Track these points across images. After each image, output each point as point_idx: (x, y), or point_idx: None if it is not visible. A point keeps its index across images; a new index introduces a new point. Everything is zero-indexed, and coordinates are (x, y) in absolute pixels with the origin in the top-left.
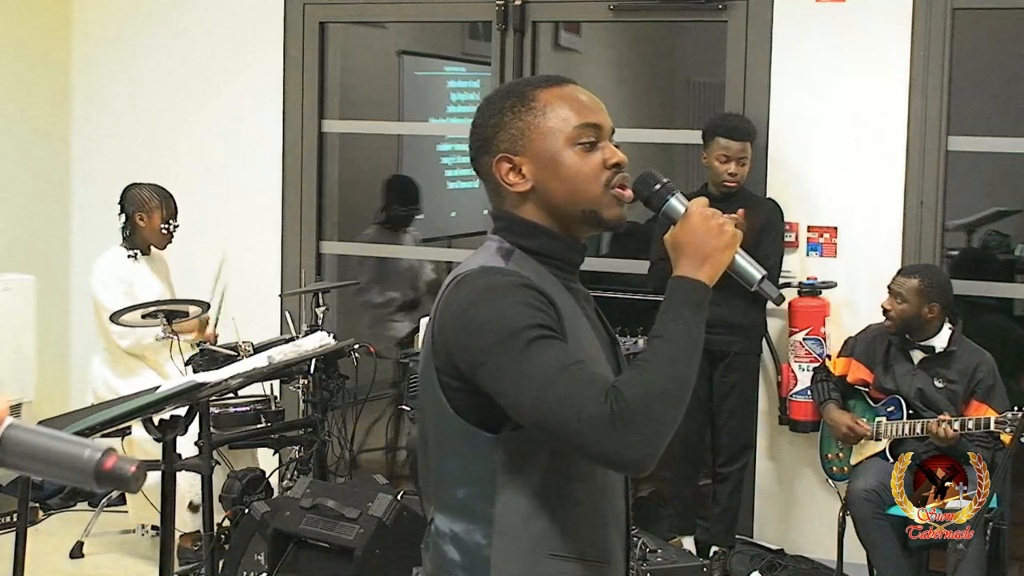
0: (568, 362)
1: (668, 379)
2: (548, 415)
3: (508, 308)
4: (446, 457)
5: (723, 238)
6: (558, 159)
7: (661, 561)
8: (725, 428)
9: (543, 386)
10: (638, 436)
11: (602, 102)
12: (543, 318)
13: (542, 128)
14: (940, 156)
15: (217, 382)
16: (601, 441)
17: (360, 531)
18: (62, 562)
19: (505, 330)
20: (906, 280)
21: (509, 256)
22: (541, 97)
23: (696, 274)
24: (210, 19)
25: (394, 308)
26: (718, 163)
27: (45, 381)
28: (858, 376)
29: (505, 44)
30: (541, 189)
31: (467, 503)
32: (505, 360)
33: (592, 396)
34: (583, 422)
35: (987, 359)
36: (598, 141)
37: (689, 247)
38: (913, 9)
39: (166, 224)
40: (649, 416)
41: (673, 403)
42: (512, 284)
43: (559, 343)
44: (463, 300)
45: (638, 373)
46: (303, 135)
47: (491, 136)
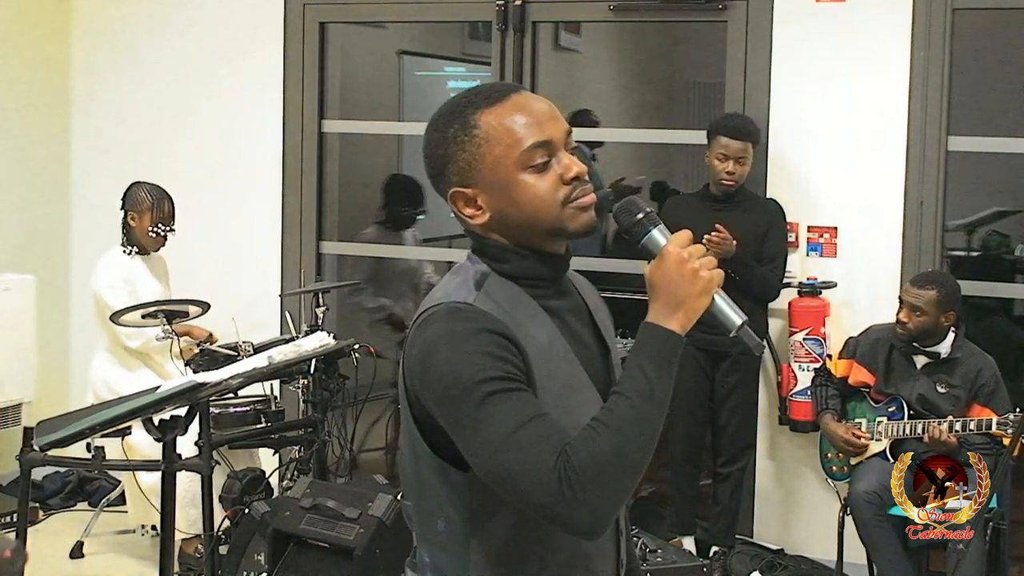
0: (522, 420)
1: (624, 443)
2: (500, 477)
3: (466, 358)
4: (423, 490)
5: (697, 284)
6: (511, 187)
7: (661, 561)
8: (726, 428)
9: (495, 447)
10: (587, 503)
11: (551, 104)
12: (503, 368)
13: (488, 158)
14: (940, 156)
15: (217, 382)
16: (550, 506)
17: (360, 531)
18: (62, 562)
19: (460, 384)
20: (924, 292)
21: (482, 284)
22: (483, 123)
23: (667, 322)
24: (210, 19)
25: (384, 315)
26: (717, 161)
27: (45, 381)
28: (859, 378)
29: (505, 44)
30: (500, 217)
31: (446, 536)
32: (460, 414)
33: (544, 460)
34: (532, 488)
35: (989, 363)
36: (551, 157)
37: (662, 292)
38: (913, 9)
39: (155, 227)
40: (599, 483)
41: (627, 468)
42: (473, 331)
43: (517, 396)
44: (425, 343)
45: (592, 436)
46: (303, 135)
47: (441, 167)
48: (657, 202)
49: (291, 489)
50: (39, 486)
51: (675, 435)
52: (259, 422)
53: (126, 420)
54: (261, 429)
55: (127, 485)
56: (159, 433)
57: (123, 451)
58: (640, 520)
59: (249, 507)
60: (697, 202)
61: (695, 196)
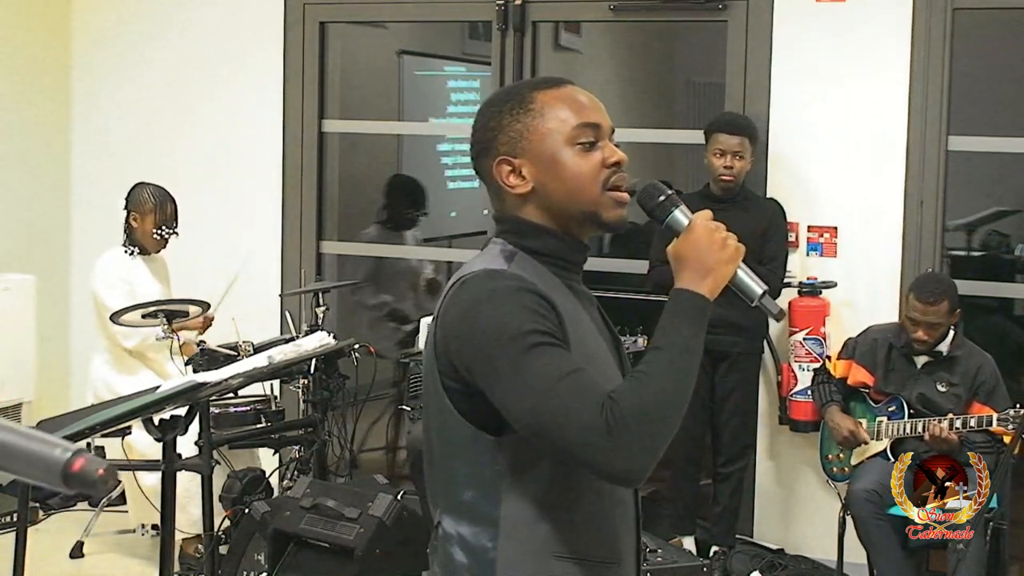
0: (566, 370)
1: (665, 392)
2: (544, 423)
3: (509, 312)
4: (451, 460)
5: (726, 252)
6: (557, 159)
7: (661, 561)
8: (726, 428)
9: (540, 394)
10: (633, 448)
11: (601, 102)
12: (544, 323)
13: (540, 130)
14: (940, 156)
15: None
16: (596, 451)
17: (360, 531)
18: (62, 562)
19: (505, 335)
20: (935, 307)
21: (511, 259)
22: (539, 99)
23: (698, 287)
24: (210, 19)
25: (385, 312)
26: (714, 158)
27: (45, 381)
28: (858, 379)
29: (505, 44)
30: (541, 190)
31: (473, 506)
32: (503, 365)
33: (588, 406)
34: (579, 432)
35: (988, 361)
36: (597, 141)
37: (692, 260)
38: (913, 9)
39: (158, 229)
40: (644, 428)
41: (669, 416)
42: (514, 288)
43: (558, 350)
44: (465, 303)
45: (636, 384)
46: (303, 135)
47: (490, 139)
48: None
49: (291, 489)
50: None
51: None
52: (259, 422)
53: (126, 420)
54: (261, 429)
55: (127, 485)
56: (159, 433)
57: (123, 451)
58: None
59: (249, 507)
60: (697, 202)
61: (695, 196)
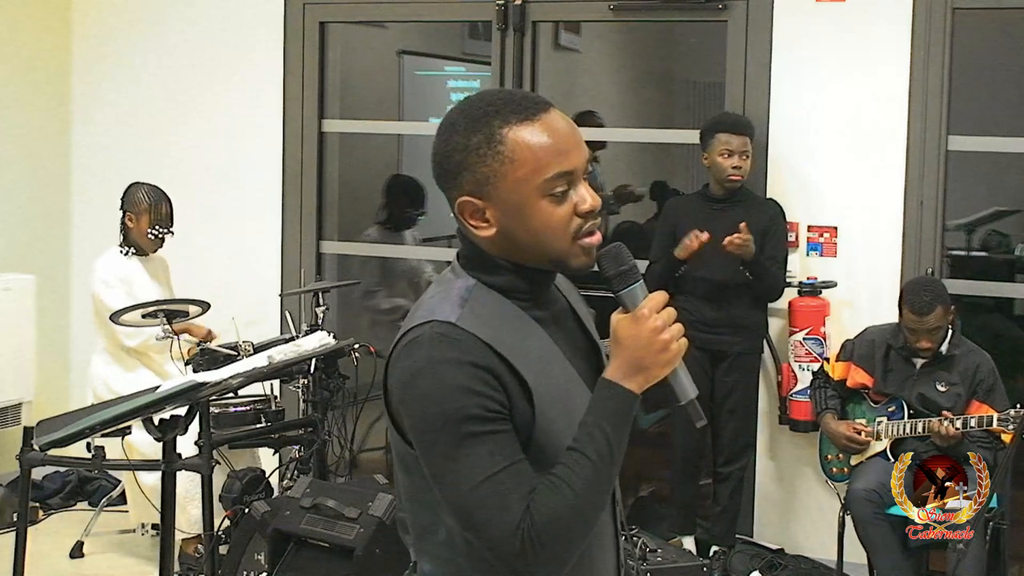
0: (494, 469)
1: (583, 502)
2: (465, 517)
3: (449, 393)
4: (420, 503)
5: (665, 356)
6: (526, 210)
7: (661, 561)
8: (726, 428)
9: (464, 493)
10: (546, 558)
11: (575, 128)
12: (483, 404)
13: (509, 178)
14: (940, 156)
15: (217, 382)
16: (510, 561)
17: (360, 531)
18: (62, 562)
19: (440, 418)
20: (930, 316)
21: (468, 299)
22: (509, 139)
23: (627, 382)
24: (210, 19)
25: (400, 315)
26: (721, 159)
27: (45, 381)
28: (857, 380)
29: (505, 44)
30: (507, 234)
31: (447, 545)
32: (435, 449)
33: (509, 514)
34: (493, 542)
35: (987, 359)
36: (570, 187)
37: (629, 351)
38: (913, 9)
39: (153, 229)
40: (559, 539)
41: (584, 523)
42: (457, 362)
43: (492, 439)
44: (408, 369)
45: (552, 494)
46: (303, 135)
47: (455, 172)
48: (657, 202)
49: (291, 489)
50: (39, 486)
51: (675, 435)
52: (259, 422)
53: (126, 420)
54: (261, 429)
55: (127, 485)
56: (159, 433)
57: (123, 451)
58: (640, 520)
59: (249, 507)
60: (697, 202)
61: (695, 196)
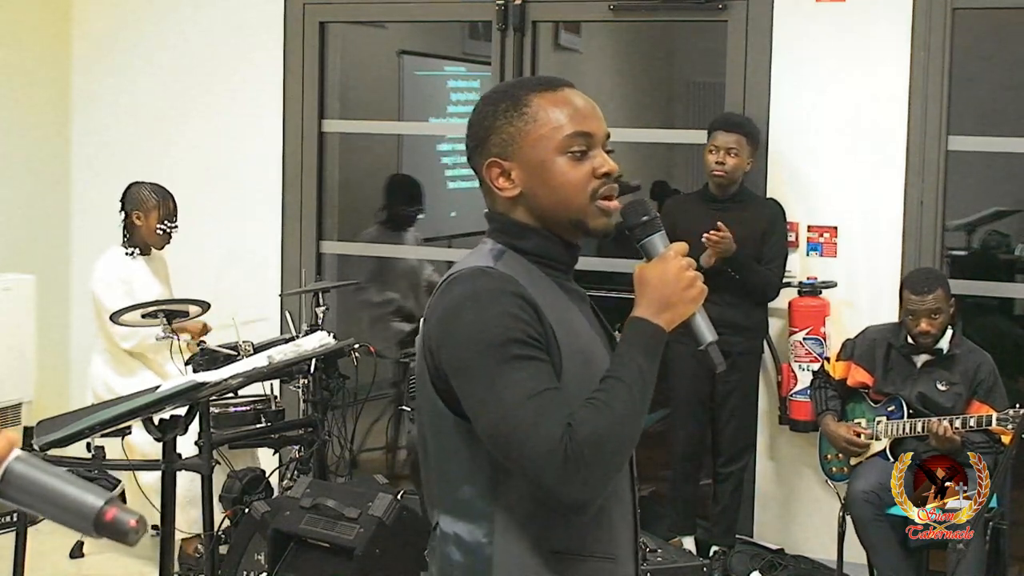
0: (538, 388)
1: (622, 423)
2: (506, 438)
3: (490, 318)
4: (445, 457)
5: (692, 292)
6: (547, 167)
7: (661, 561)
8: (726, 428)
9: (508, 408)
10: (585, 478)
11: (598, 106)
12: (525, 330)
13: (532, 136)
14: (940, 156)
15: (217, 382)
16: (550, 477)
17: (360, 531)
18: (62, 562)
19: (483, 342)
20: (931, 295)
21: (500, 257)
22: (534, 103)
23: (656, 318)
24: (210, 19)
25: (392, 309)
26: (708, 154)
27: (45, 381)
28: (858, 379)
29: (505, 44)
30: (529, 195)
31: (469, 503)
32: (478, 373)
33: (551, 431)
34: (537, 456)
35: (987, 359)
36: (589, 149)
37: (656, 290)
38: (913, 9)
39: (163, 224)
40: (598, 457)
41: (621, 446)
42: (499, 291)
43: (535, 363)
44: (449, 304)
45: (593, 413)
46: (303, 135)
47: (483, 138)
48: (657, 202)
49: (291, 489)
50: None
51: (675, 435)
52: (259, 422)
53: (126, 420)
54: (261, 429)
55: (127, 485)
56: (159, 433)
57: (123, 451)
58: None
59: (249, 507)
60: (697, 202)
61: (695, 196)
